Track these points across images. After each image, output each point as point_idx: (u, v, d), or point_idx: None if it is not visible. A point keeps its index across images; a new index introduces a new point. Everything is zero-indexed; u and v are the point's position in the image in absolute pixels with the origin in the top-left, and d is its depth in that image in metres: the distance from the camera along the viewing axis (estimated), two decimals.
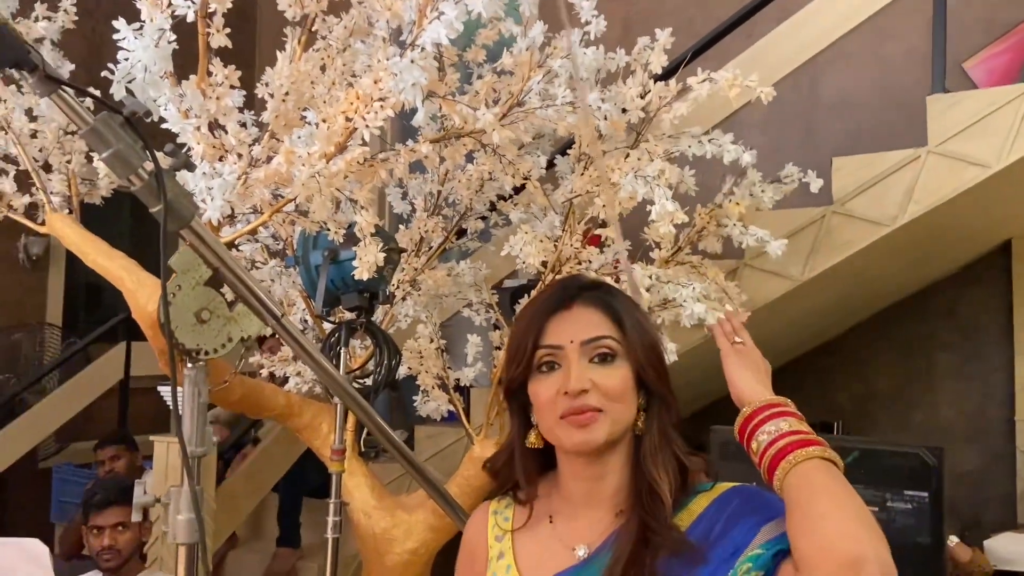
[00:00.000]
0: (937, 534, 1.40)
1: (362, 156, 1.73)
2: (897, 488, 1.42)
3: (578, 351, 0.97)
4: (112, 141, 1.19)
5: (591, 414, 0.96)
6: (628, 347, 0.99)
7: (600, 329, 0.99)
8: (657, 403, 1.00)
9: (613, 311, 1.01)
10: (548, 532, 1.02)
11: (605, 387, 0.96)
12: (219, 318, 1.37)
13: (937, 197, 2.38)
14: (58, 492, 4.04)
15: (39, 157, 2.36)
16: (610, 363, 0.98)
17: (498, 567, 1.03)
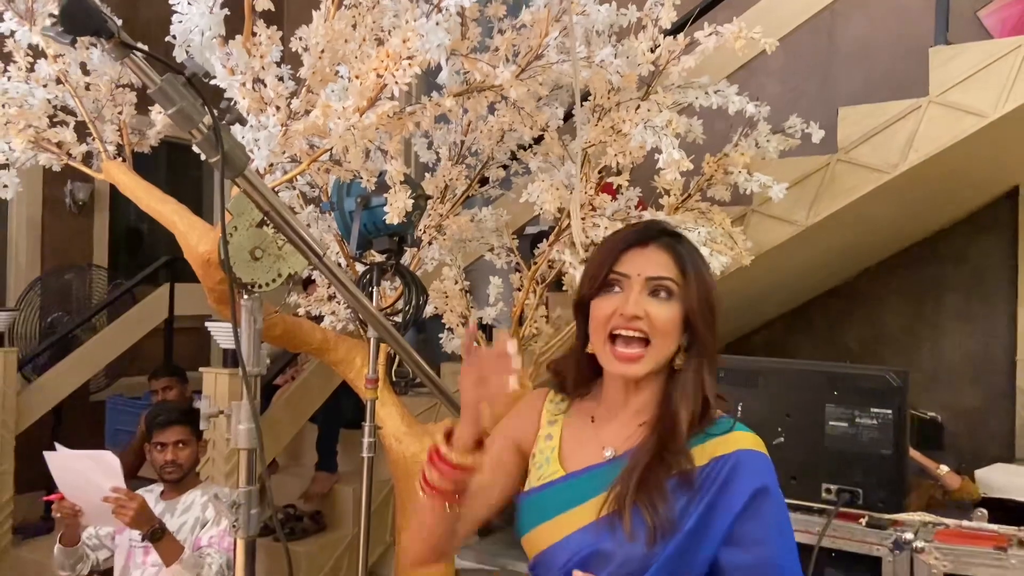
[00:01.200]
0: (899, 447, 1.58)
1: (392, 110, 1.90)
2: (865, 407, 1.59)
3: (642, 283, 1.12)
4: (176, 99, 1.37)
5: (638, 351, 1.11)
6: (685, 292, 1.12)
7: (665, 270, 1.12)
8: (698, 346, 1.14)
9: (680, 258, 1.14)
10: (589, 429, 1.20)
11: (656, 319, 1.10)
12: (270, 256, 1.57)
13: (936, 145, 2.49)
14: (112, 421, 4.34)
15: (93, 109, 2.54)
16: (665, 300, 1.12)
17: (545, 446, 1.22)
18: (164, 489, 2.52)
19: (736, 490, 1.07)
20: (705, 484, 1.08)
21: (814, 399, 1.66)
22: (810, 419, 1.65)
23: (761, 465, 1.10)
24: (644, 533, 1.06)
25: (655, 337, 1.11)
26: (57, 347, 4.39)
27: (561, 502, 1.15)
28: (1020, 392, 3.67)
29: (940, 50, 2.53)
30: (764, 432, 1.72)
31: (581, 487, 1.15)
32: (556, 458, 1.20)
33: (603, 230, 2.36)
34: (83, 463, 2.22)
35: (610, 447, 1.17)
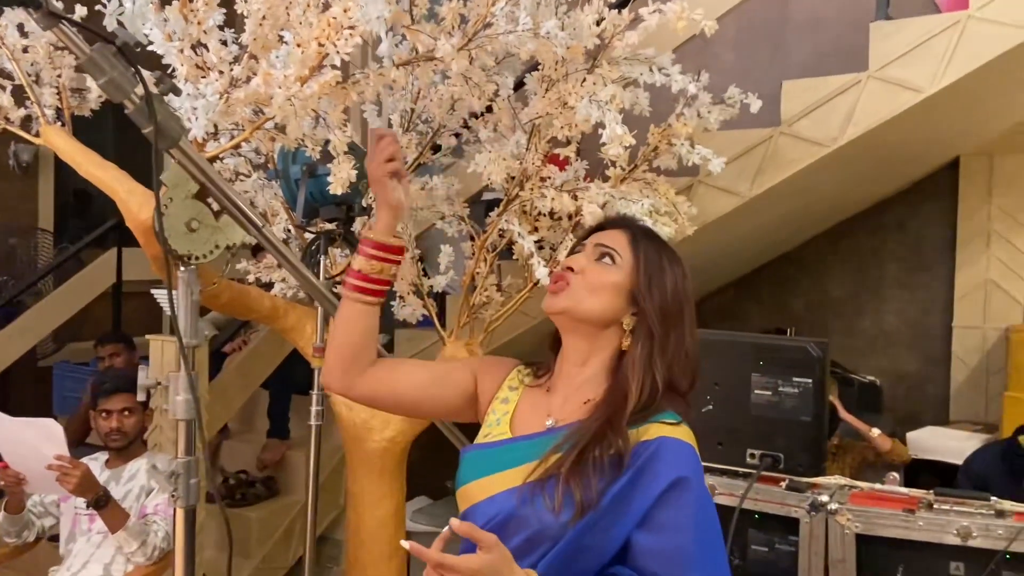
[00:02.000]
0: (818, 414, 1.65)
1: (334, 80, 1.88)
2: (787, 376, 1.66)
3: (591, 248, 1.22)
4: (107, 69, 1.36)
5: (562, 284, 1.20)
6: (631, 268, 1.19)
7: (614, 243, 1.21)
8: (646, 330, 1.18)
9: (635, 239, 1.22)
10: (541, 398, 1.25)
11: (588, 273, 1.20)
12: (207, 227, 1.57)
13: (875, 119, 2.55)
14: (59, 387, 4.29)
15: (31, 71, 2.48)
16: (607, 264, 1.20)
17: (499, 407, 1.28)
18: (109, 457, 2.52)
19: (656, 474, 1.10)
20: (626, 466, 1.11)
21: (741, 368, 1.72)
22: (737, 387, 1.71)
23: (685, 455, 1.14)
24: (570, 507, 1.09)
25: (577, 282, 1.19)
26: (2, 313, 4.31)
27: (496, 463, 1.20)
28: (955, 358, 3.82)
29: (880, 25, 2.57)
30: (694, 400, 1.79)
31: (517, 452, 1.19)
32: (507, 421, 1.25)
33: (550, 201, 2.38)
34: (26, 431, 2.21)
35: (552, 418, 1.22)
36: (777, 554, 1.67)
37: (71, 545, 2.40)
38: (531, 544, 1.11)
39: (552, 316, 1.23)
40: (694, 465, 1.14)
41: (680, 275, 1.23)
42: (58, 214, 5.02)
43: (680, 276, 1.23)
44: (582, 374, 1.22)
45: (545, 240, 2.68)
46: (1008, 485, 2.44)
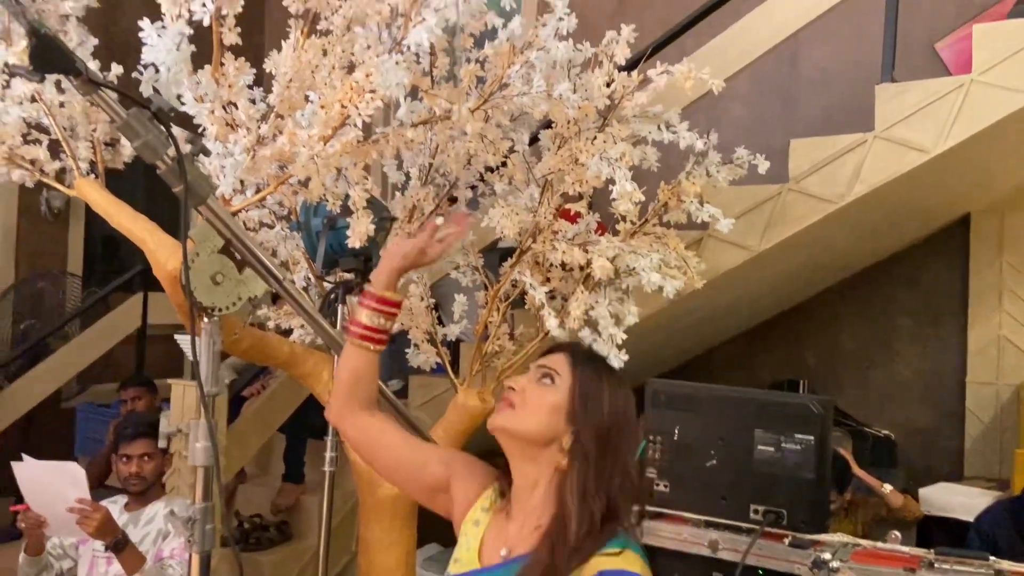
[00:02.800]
0: (821, 471, 1.68)
1: (355, 139, 1.98)
2: (790, 432, 1.69)
3: (535, 371, 1.28)
4: (142, 132, 1.45)
5: (504, 404, 1.25)
6: (569, 386, 1.23)
7: (555, 364, 1.26)
8: (582, 451, 1.19)
9: (575, 363, 1.26)
10: (503, 525, 1.27)
11: (528, 393, 1.24)
12: (231, 280, 1.65)
13: (881, 178, 2.61)
14: (82, 429, 4.37)
15: (67, 126, 2.60)
16: (547, 385, 1.24)
17: (470, 529, 1.30)
18: (128, 500, 2.57)
19: None
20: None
21: (744, 424, 1.75)
22: (741, 443, 1.75)
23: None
24: None
25: (520, 403, 1.23)
26: (29, 355, 4.42)
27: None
28: (969, 413, 3.80)
29: (886, 87, 2.64)
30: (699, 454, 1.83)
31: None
32: (476, 549, 1.28)
33: (561, 253, 2.45)
34: (49, 473, 2.27)
35: (506, 547, 1.24)
36: None
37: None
38: None
39: (496, 434, 1.27)
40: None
41: (621, 398, 1.25)
42: (87, 259, 5.16)
43: (621, 398, 1.25)
44: (532, 498, 1.23)
45: (557, 291, 2.74)
46: (1016, 543, 2.43)
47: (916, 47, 3.97)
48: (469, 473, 1.37)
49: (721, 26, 3.87)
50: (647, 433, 1.86)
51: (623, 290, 2.64)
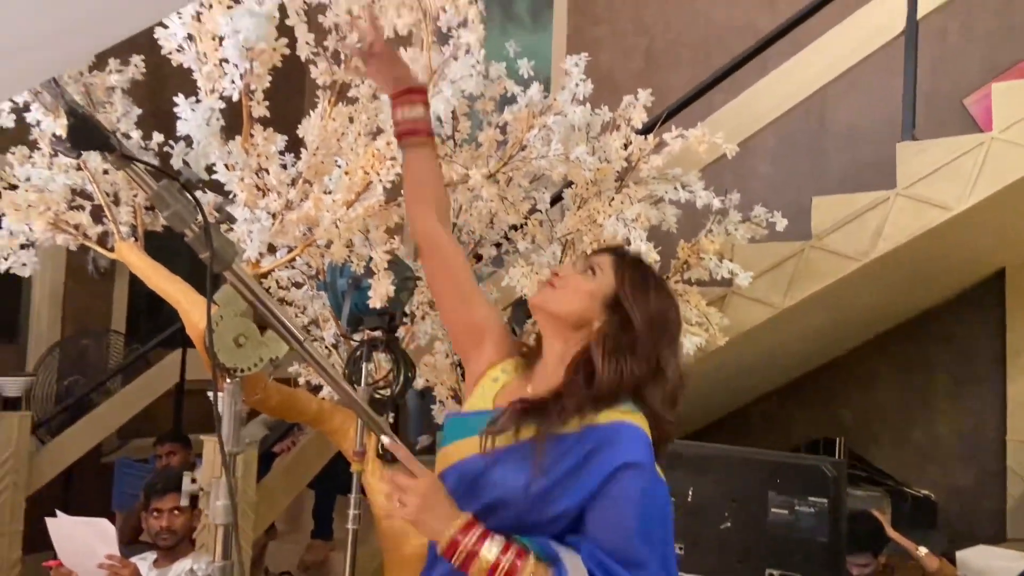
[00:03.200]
0: (835, 534, 1.65)
1: (377, 204, 2.05)
2: (803, 495, 1.68)
3: (582, 259, 1.37)
4: (171, 203, 1.53)
5: (549, 286, 1.32)
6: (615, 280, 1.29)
7: (598, 258, 1.34)
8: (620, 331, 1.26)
9: (619, 258, 1.34)
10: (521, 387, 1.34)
11: (568, 278, 1.31)
12: (253, 342, 1.70)
13: (905, 235, 2.60)
14: (119, 483, 4.45)
15: (110, 191, 2.73)
16: (588, 274, 1.32)
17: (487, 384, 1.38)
18: (158, 557, 2.62)
19: (608, 456, 1.18)
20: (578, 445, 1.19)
21: (758, 486, 1.74)
22: (754, 505, 1.74)
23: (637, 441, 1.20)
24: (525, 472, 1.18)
25: (560, 285, 1.31)
26: (72, 410, 4.54)
27: (470, 429, 1.29)
28: (1011, 472, 3.69)
29: (907, 145, 2.66)
30: (712, 515, 1.82)
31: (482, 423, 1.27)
32: (492, 397, 1.35)
33: None
34: (81, 529, 2.34)
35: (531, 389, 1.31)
36: None
37: None
38: (493, 508, 1.21)
39: (533, 312, 1.35)
40: (646, 452, 1.20)
41: (666, 298, 1.32)
42: (130, 316, 5.31)
43: (666, 299, 1.32)
44: (556, 370, 1.30)
45: None
46: None
47: (945, 103, 3.97)
48: (503, 336, 1.45)
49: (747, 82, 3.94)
50: None
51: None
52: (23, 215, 2.48)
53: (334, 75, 2.20)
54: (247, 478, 2.95)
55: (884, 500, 3.63)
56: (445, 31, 2.00)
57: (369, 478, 2.66)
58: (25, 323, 4.93)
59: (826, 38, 3.96)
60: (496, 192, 2.08)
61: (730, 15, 4.73)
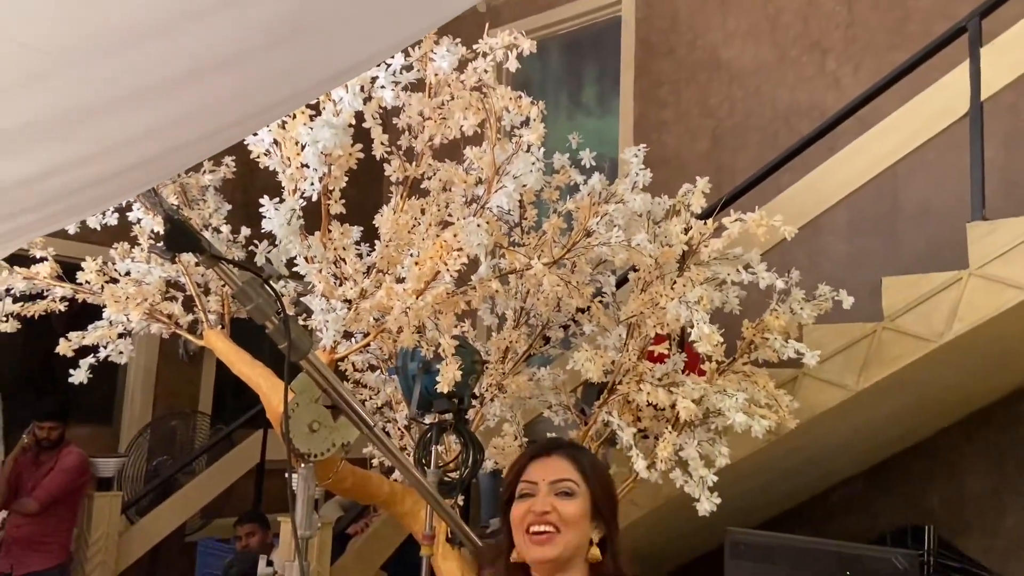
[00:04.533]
0: None
1: (445, 292, 2.15)
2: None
3: (547, 486, 1.31)
4: (254, 297, 1.65)
5: (548, 535, 1.27)
6: (588, 488, 1.30)
7: (566, 474, 1.32)
8: (610, 536, 1.30)
9: (579, 463, 1.34)
10: None
11: (563, 512, 1.28)
12: (326, 428, 1.79)
13: (980, 316, 2.54)
14: (202, 564, 4.58)
15: (200, 282, 2.92)
16: (570, 498, 1.30)
17: None
18: None
19: None
20: None
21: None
22: None
23: None
24: None
25: (563, 526, 1.28)
26: (159, 489, 4.72)
27: None
28: None
29: (976, 225, 2.62)
30: None
31: None
32: None
33: (646, 395, 2.49)
34: None
35: None
36: None
37: None
38: None
39: (540, 567, 1.30)
40: None
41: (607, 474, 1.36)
42: (216, 397, 5.54)
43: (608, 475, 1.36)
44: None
45: (649, 430, 2.77)
46: None
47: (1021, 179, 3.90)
48: None
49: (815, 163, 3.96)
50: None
51: (714, 430, 2.63)
52: (122, 306, 2.68)
53: (406, 171, 2.35)
54: (321, 560, 3.02)
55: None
56: (509, 129, 2.12)
57: (440, 561, 2.68)
58: (119, 406, 5.20)
59: (894, 117, 3.97)
60: (557, 279, 2.15)
61: (795, 96, 4.78)
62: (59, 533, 3.98)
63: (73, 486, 4.01)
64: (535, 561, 1.29)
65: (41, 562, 3.89)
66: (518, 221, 2.70)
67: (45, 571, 3.89)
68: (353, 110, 1.94)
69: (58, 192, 0.93)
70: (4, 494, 3.90)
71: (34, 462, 4.00)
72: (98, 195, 1.04)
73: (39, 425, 3.98)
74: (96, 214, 2.47)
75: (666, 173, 3.55)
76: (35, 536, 3.90)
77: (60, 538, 3.98)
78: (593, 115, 5.82)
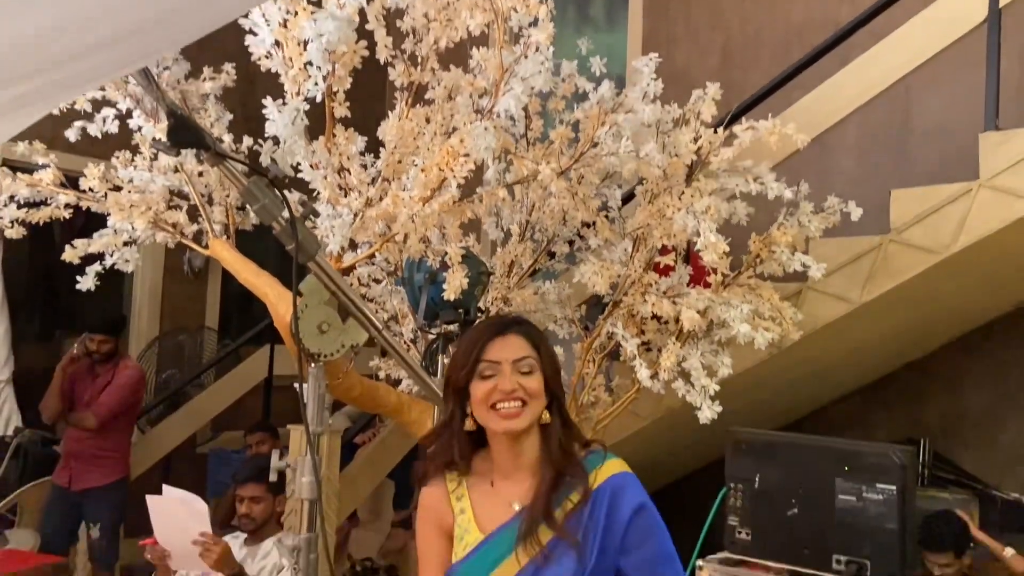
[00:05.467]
0: (904, 522, 1.64)
1: (451, 199, 2.14)
2: (871, 482, 1.66)
3: (511, 365, 1.38)
4: (260, 197, 1.64)
5: (518, 410, 1.36)
6: (541, 364, 1.40)
7: (525, 351, 1.40)
8: (557, 402, 1.41)
9: (533, 340, 1.42)
10: (491, 491, 1.41)
11: (528, 388, 1.37)
12: (335, 329, 1.80)
13: (988, 228, 2.53)
14: (213, 472, 4.69)
15: (204, 192, 2.90)
16: (530, 374, 1.38)
17: (461, 519, 1.41)
18: (248, 535, 2.77)
19: (620, 510, 1.33)
20: (594, 512, 1.32)
21: (825, 473, 1.74)
22: (822, 492, 1.73)
23: (632, 485, 1.37)
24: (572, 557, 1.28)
25: (530, 399, 1.37)
26: (169, 402, 4.81)
27: (487, 564, 1.34)
28: None
29: (989, 135, 2.59)
30: (780, 502, 1.82)
31: (501, 544, 1.35)
32: (473, 526, 1.39)
33: (651, 307, 2.50)
34: (177, 507, 2.49)
35: (516, 501, 1.38)
36: None
37: None
38: None
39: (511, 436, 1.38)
40: (640, 490, 1.37)
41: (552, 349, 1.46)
42: (223, 313, 5.58)
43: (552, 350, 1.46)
44: (525, 456, 1.39)
45: (653, 343, 2.79)
46: None
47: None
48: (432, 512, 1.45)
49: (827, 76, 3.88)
50: (729, 480, 1.87)
51: (717, 342, 2.65)
52: (126, 214, 2.67)
53: (411, 76, 2.30)
54: (331, 465, 3.08)
55: (972, 503, 3.51)
56: (516, 31, 2.06)
57: None
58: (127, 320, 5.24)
59: (907, 28, 3.87)
60: (566, 187, 2.13)
61: (809, 9, 4.64)
62: (118, 448, 4.01)
63: (132, 401, 4.04)
64: (504, 431, 1.38)
65: (100, 477, 3.92)
66: (524, 132, 2.66)
67: (106, 487, 3.91)
68: (358, 4, 1.88)
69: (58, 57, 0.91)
70: (58, 406, 3.89)
71: (89, 373, 3.98)
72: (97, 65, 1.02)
73: (91, 338, 3.95)
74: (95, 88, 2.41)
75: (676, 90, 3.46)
76: (94, 451, 3.92)
77: (119, 453, 4.01)
78: (601, 30, 5.68)
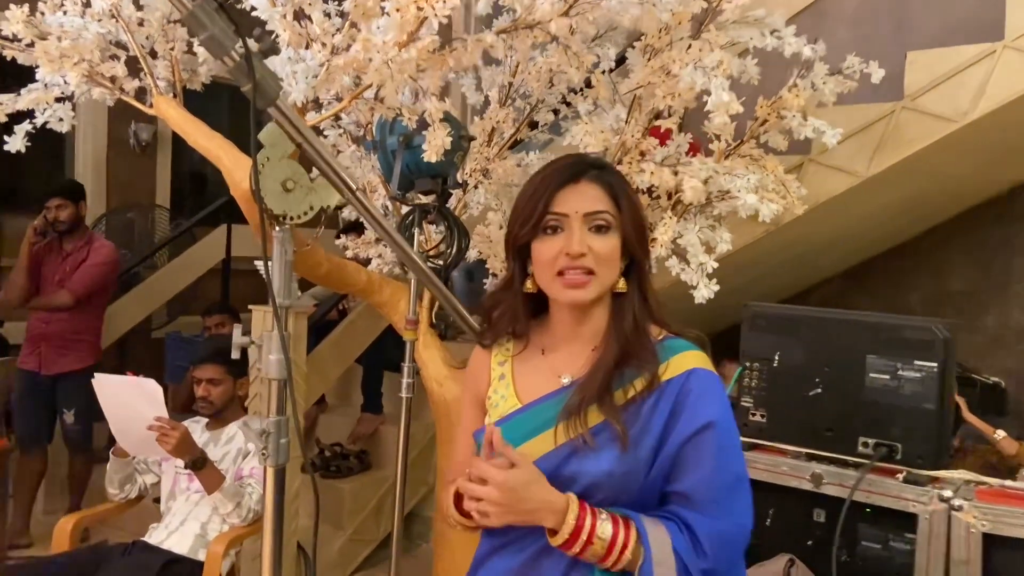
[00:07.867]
0: (943, 401, 1.51)
1: (432, 45, 1.86)
2: (908, 359, 1.52)
3: (581, 220, 1.14)
4: (208, 25, 1.36)
5: (584, 278, 1.13)
6: (621, 221, 1.15)
7: (600, 204, 1.15)
8: (637, 270, 1.18)
9: (612, 189, 1.17)
10: (540, 361, 1.22)
11: (599, 252, 1.13)
12: (302, 188, 1.56)
13: (1010, 92, 2.35)
14: (171, 357, 4.48)
15: (146, 44, 2.57)
16: (605, 233, 1.14)
17: (499, 385, 1.24)
18: (210, 420, 2.59)
19: (686, 417, 1.10)
20: (658, 407, 1.11)
21: (854, 350, 1.59)
22: (850, 371, 1.59)
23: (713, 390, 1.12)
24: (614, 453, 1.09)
25: (599, 267, 1.13)
26: (120, 283, 4.54)
27: (519, 434, 1.16)
28: None
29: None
30: (801, 382, 1.68)
31: (539, 415, 1.17)
32: (512, 393, 1.22)
33: (649, 175, 2.30)
34: (128, 390, 2.29)
35: (567, 374, 1.19)
36: (891, 552, 1.54)
37: (171, 503, 2.48)
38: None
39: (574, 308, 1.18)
40: (722, 399, 1.13)
41: (638, 201, 1.22)
42: (174, 192, 5.25)
43: (639, 202, 1.22)
44: (588, 327, 1.19)
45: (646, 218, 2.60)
46: None
47: None
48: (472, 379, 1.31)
49: None
50: (744, 359, 1.72)
51: (715, 217, 2.47)
52: (57, 66, 2.34)
53: None
54: (298, 348, 2.89)
55: None
56: None
57: (421, 349, 2.57)
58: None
59: None
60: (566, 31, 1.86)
61: None
62: (91, 331, 3.72)
63: (107, 280, 3.76)
64: (570, 303, 1.16)
65: (74, 361, 3.63)
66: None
67: (80, 371, 3.59)
68: None
69: None
70: (26, 286, 3.57)
71: (58, 254, 3.67)
72: None
73: (47, 205, 3.62)
74: None
75: None
76: (66, 333, 3.63)
77: (92, 336, 3.74)
78: None
